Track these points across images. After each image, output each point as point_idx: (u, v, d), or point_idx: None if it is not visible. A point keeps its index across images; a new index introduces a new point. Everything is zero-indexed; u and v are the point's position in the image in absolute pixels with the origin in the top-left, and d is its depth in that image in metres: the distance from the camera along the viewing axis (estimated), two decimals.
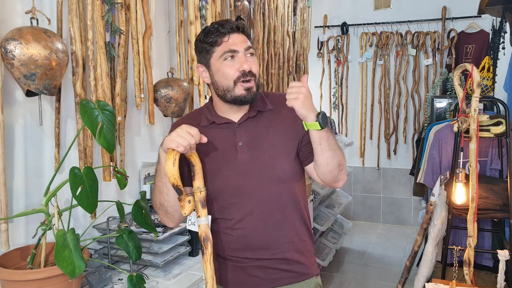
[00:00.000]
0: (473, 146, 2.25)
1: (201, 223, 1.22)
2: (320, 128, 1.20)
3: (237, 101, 1.29)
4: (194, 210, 1.22)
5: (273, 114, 1.36)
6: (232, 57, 1.26)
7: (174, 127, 1.37)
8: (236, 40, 1.26)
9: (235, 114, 1.34)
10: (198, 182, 1.22)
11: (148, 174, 2.23)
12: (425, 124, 4.03)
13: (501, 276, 2.09)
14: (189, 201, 1.19)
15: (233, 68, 1.26)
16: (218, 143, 1.31)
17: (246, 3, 3.02)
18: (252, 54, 1.29)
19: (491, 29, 3.69)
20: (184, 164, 1.26)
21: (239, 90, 1.26)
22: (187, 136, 1.16)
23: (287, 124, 1.34)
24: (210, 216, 1.26)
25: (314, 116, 1.19)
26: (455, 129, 2.44)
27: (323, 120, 1.20)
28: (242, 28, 1.28)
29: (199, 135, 1.19)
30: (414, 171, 4.24)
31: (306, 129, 1.23)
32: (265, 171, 1.30)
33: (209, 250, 1.22)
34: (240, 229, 1.31)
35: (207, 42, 1.28)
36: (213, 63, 1.29)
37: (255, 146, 1.31)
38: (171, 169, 1.15)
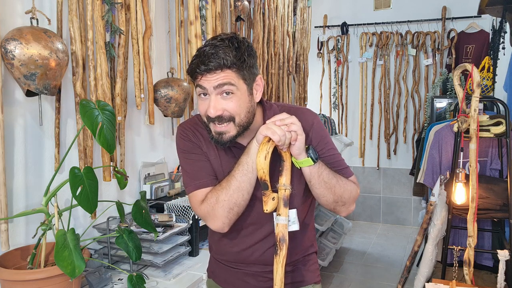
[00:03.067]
0: (473, 146, 2.25)
1: (279, 222, 1.14)
2: (313, 163, 1.13)
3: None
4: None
5: None
6: (205, 94, 1.15)
7: (179, 130, 1.30)
8: (208, 81, 1.12)
9: (241, 137, 1.20)
10: (285, 179, 1.14)
11: (148, 174, 2.23)
12: (425, 124, 4.03)
13: (501, 276, 2.09)
14: (273, 198, 1.11)
15: (203, 108, 1.16)
16: (225, 162, 1.24)
17: (246, 3, 3.02)
18: (230, 92, 1.12)
19: (491, 29, 3.69)
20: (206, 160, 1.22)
21: (213, 129, 1.17)
22: (284, 127, 1.09)
23: None
24: (291, 216, 1.17)
25: (304, 152, 1.13)
26: (455, 129, 2.44)
27: (314, 153, 1.13)
28: (222, 65, 1.10)
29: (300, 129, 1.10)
30: (414, 171, 4.24)
31: (298, 167, 1.16)
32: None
33: (283, 252, 1.13)
34: (237, 245, 1.29)
35: (189, 74, 1.18)
36: (195, 93, 1.24)
37: None
38: (262, 162, 1.08)
